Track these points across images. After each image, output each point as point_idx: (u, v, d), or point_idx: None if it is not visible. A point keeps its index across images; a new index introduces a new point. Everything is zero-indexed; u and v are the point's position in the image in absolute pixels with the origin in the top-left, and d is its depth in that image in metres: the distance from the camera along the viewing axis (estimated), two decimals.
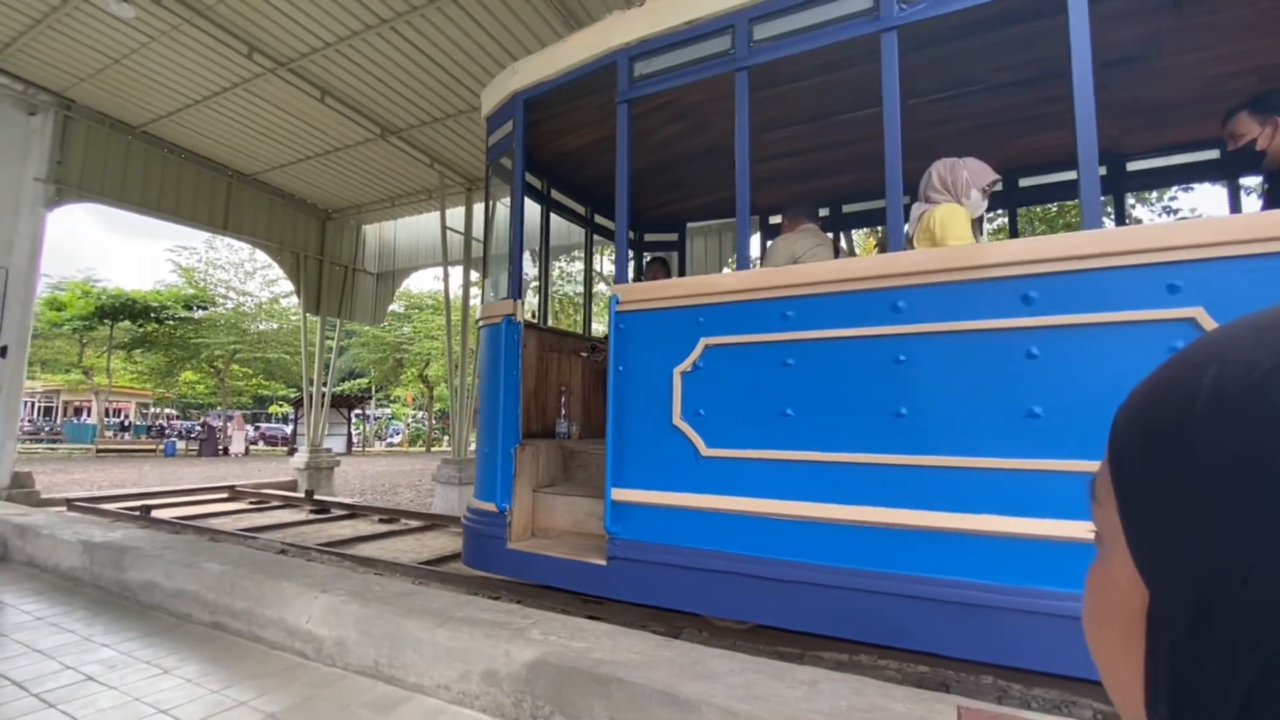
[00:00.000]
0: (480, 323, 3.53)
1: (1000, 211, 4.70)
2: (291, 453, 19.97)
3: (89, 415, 32.06)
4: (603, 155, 3.77)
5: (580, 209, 4.67)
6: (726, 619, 2.78)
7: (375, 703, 2.10)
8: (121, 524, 4.65)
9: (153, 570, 3.15)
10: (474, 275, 8.82)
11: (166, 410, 39.52)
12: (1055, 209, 9.92)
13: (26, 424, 29.41)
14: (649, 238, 5.24)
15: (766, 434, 2.48)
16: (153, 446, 22.91)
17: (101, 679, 2.27)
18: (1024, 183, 4.10)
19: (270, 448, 27.17)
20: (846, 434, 2.32)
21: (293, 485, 9.35)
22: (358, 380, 32.37)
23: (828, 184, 4.35)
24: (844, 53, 2.53)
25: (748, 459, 2.52)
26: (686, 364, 2.69)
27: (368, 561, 4.34)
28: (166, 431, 29.25)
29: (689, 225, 5.33)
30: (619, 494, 2.79)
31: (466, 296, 8.83)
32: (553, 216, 4.60)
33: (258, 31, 5.62)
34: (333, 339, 10.75)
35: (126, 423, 34.27)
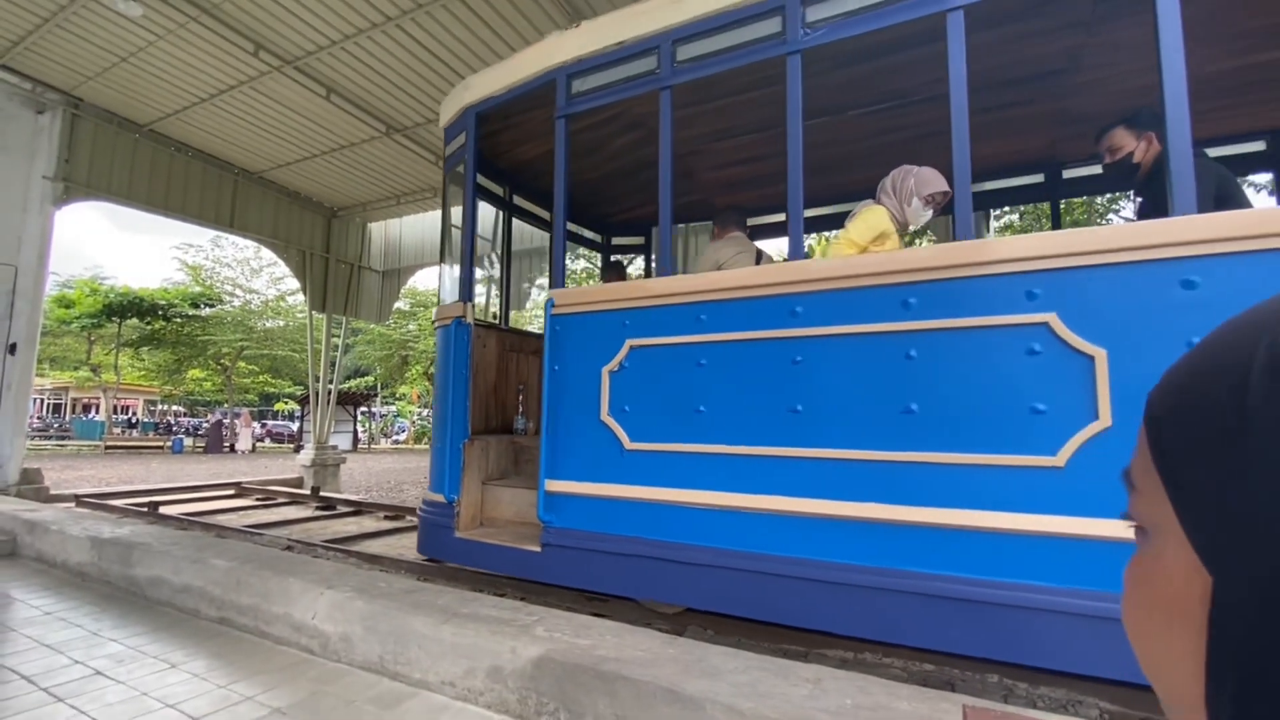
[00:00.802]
0: (435, 324, 3.71)
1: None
2: (298, 450, 20.06)
3: (97, 412, 32.30)
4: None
5: (544, 214, 4.80)
6: (652, 601, 2.93)
7: (380, 698, 2.11)
8: (129, 520, 4.68)
9: (160, 566, 3.17)
10: (478, 273, 8.81)
11: (174, 408, 39.78)
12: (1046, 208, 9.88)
13: (36, 421, 29.63)
14: (616, 241, 5.41)
15: (682, 429, 2.67)
16: (160, 443, 23.05)
17: (109, 673, 2.29)
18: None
19: (276, 445, 27.30)
20: (751, 429, 2.50)
21: (299, 482, 9.40)
22: (364, 378, 32.48)
23: (781, 190, 4.51)
24: (775, 69, 2.65)
25: (666, 452, 2.70)
26: (614, 363, 2.87)
27: (373, 558, 4.36)
28: (174, 429, 29.42)
29: (654, 229, 5.48)
30: (552, 485, 2.97)
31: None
32: (518, 221, 4.76)
33: (264, 30, 5.64)
34: (339, 336, 10.79)
35: (134, 420, 34.49)
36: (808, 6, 2.50)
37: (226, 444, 22.64)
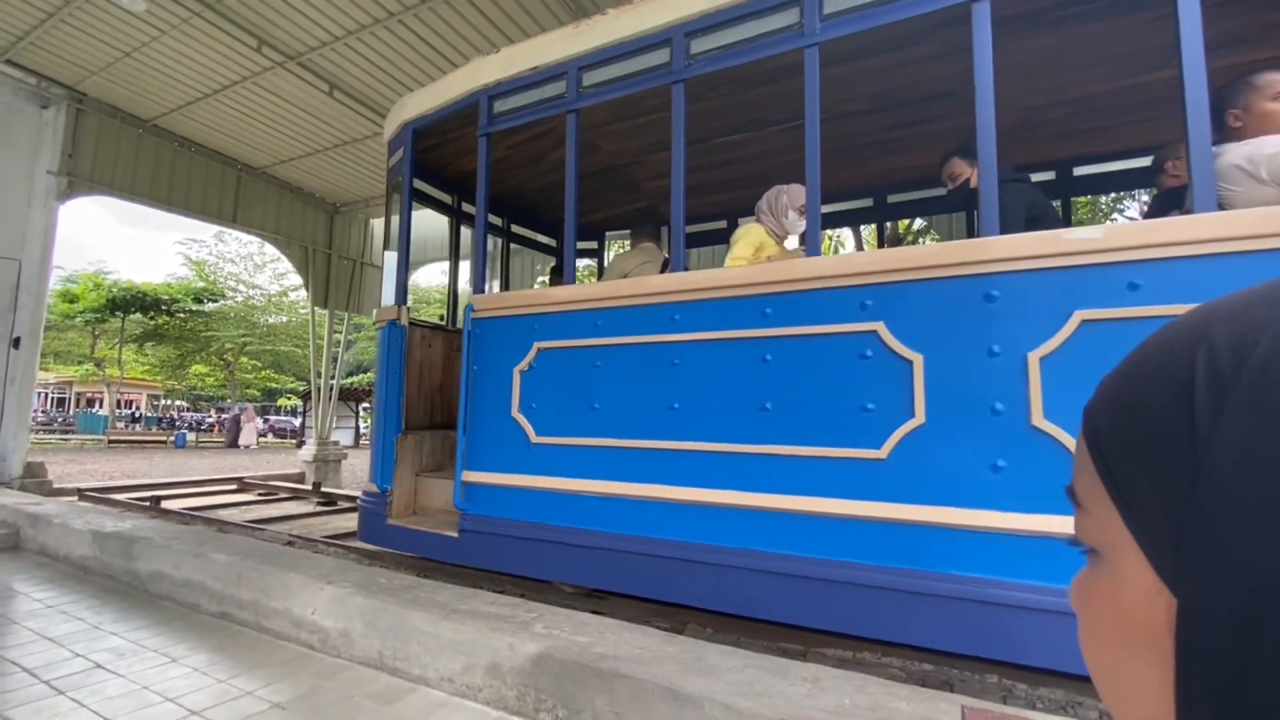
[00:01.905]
0: (374, 325, 3.91)
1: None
2: (299, 445, 20.11)
3: (101, 407, 32.40)
4: (508, 173, 4.25)
5: (497, 220, 4.97)
6: (556, 582, 3.18)
7: (380, 694, 2.12)
8: (131, 514, 4.70)
9: (161, 560, 3.18)
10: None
11: (177, 402, 39.90)
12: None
13: (39, 415, 29.74)
14: (578, 245, 5.55)
15: (580, 424, 2.90)
16: (163, 438, 23.14)
17: (110, 667, 2.30)
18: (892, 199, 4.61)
19: (279, 440, 27.37)
20: (637, 424, 2.74)
21: (300, 477, 9.42)
22: (366, 374, 32.56)
23: (724, 198, 4.77)
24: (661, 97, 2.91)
25: (566, 445, 2.93)
26: (524, 364, 3.11)
27: (373, 554, 4.36)
28: (177, 424, 29.52)
29: (608, 234, 5.66)
30: (468, 476, 3.20)
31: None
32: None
33: (267, 25, 5.63)
34: (341, 332, 10.80)
35: (137, 414, 34.61)
36: (692, 39, 2.73)
37: (231, 439, 22.72)
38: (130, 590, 3.25)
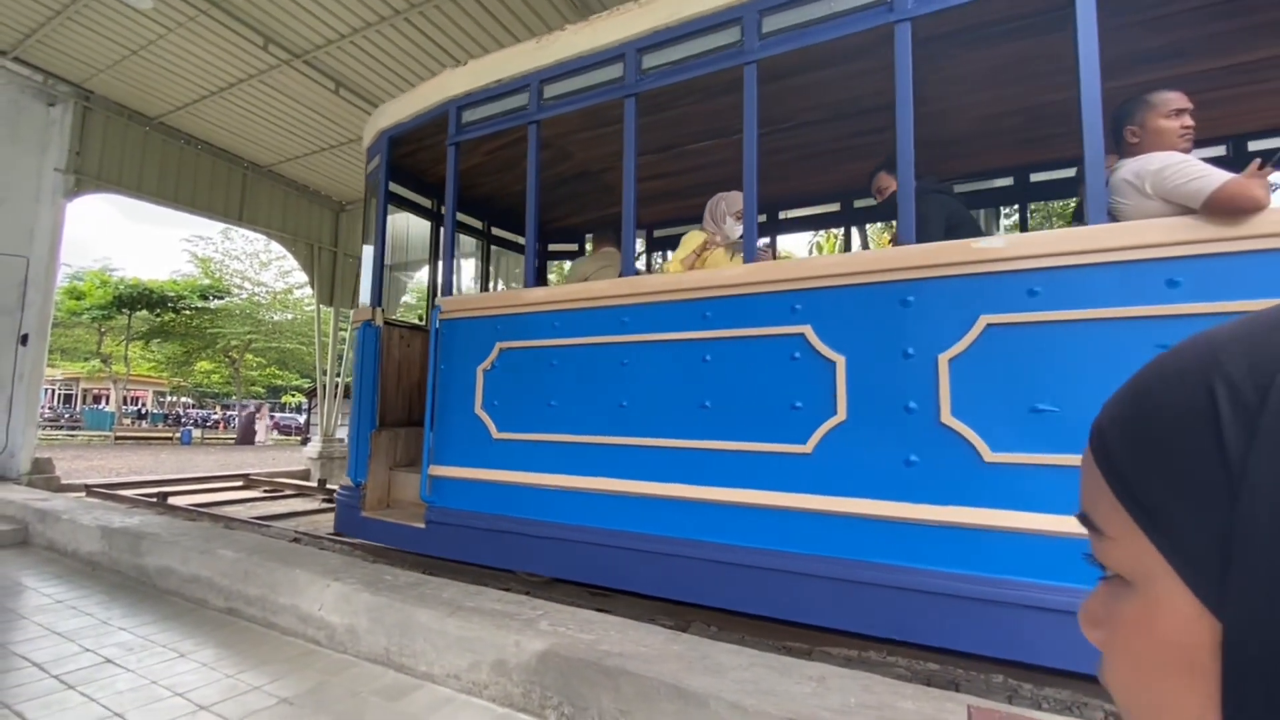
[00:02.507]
0: (352, 326, 4.03)
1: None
2: (305, 442, 20.19)
3: (107, 403, 32.58)
4: (487, 177, 4.37)
5: (476, 223, 5.10)
6: (517, 571, 3.29)
7: (386, 690, 2.13)
8: (139, 510, 4.73)
9: (169, 556, 3.20)
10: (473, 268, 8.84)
11: (183, 399, 40.07)
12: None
13: (47, 411, 29.93)
14: (553, 246, 5.80)
15: (538, 420, 3.04)
16: (169, 434, 23.25)
17: (119, 661, 2.32)
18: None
19: (284, 437, 27.48)
20: (590, 420, 2.88)
21: (306, 474, 9.46)
22: None
23: (697, 202, 5.07)
24: (662, 97, 3.10)
25: (526, 440, 3.07)
26: (487, 363, 3.23)
27: (379, 551, 4.38)
28: (183, 420, 29.65)
29: (587, 236, 5.76)
30: (435, 470, 3.33)
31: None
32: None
33: (273, 23, 5.64)
34: (346, 330, 10.83)
35: (144, 411, 34.79)
36: (643, 55, 2.86)
37: (246, 436, 22.83)
38: (138, 586, 3.27)
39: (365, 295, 4.13)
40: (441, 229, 4.87)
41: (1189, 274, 1.84)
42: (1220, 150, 3.53)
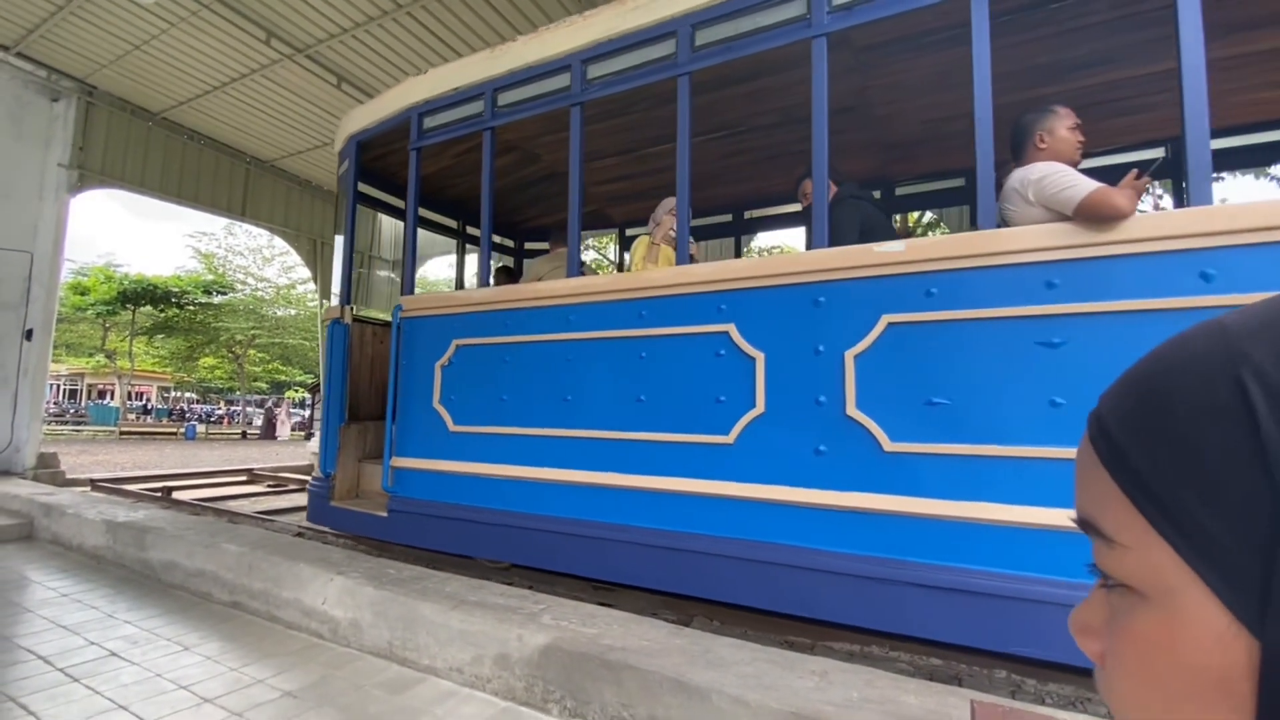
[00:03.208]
0: (323, 323, 4.19)
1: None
2: (308, 437, 20.26)
3: (112, 398, 32.72)
4: (461, 178, 4.49)
5: (452, 223, 5.19)
6: (476, 558, 3.48)
7: (389, 683, 2.13)
8: (144, 505, 4.75)
9: (174, 550, 3.21)
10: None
11: (187, 394, 40.23)
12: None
13: (52, 406, 30.08)
14: (529, 245, 5.92)
15: (491, 414, 3.19)
16: (174, 429, 23.34)
17: (124, 655, 2.33)
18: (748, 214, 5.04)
19: (292, 433, 27.53)
20: (537, 414, 3.03)
21: (309, 469, 9.48)
22: None
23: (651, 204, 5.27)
24: (595, 109, 3.24)
25: (480, 433, 3.22)
26: (444, 359, 3.38)
27: (382, 546, 4.39)
28: (187, 415, 29.77)
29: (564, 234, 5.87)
30: (397, 461, 3.50)
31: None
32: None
33: (275, 17, 5.64)
34: None
35: (148, 406, 34.93)
36: (588, 66, 3.03)
37: (241, 431, 22.89)
38: (143, 580, 3.29)
39: (335, 294, 4.27)
40: (388, 232, 5.02)
41: (1065, 276, 1.97)
42: (1160, 152, 3.66)
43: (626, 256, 5.73)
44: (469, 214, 5.16)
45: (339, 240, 4.32)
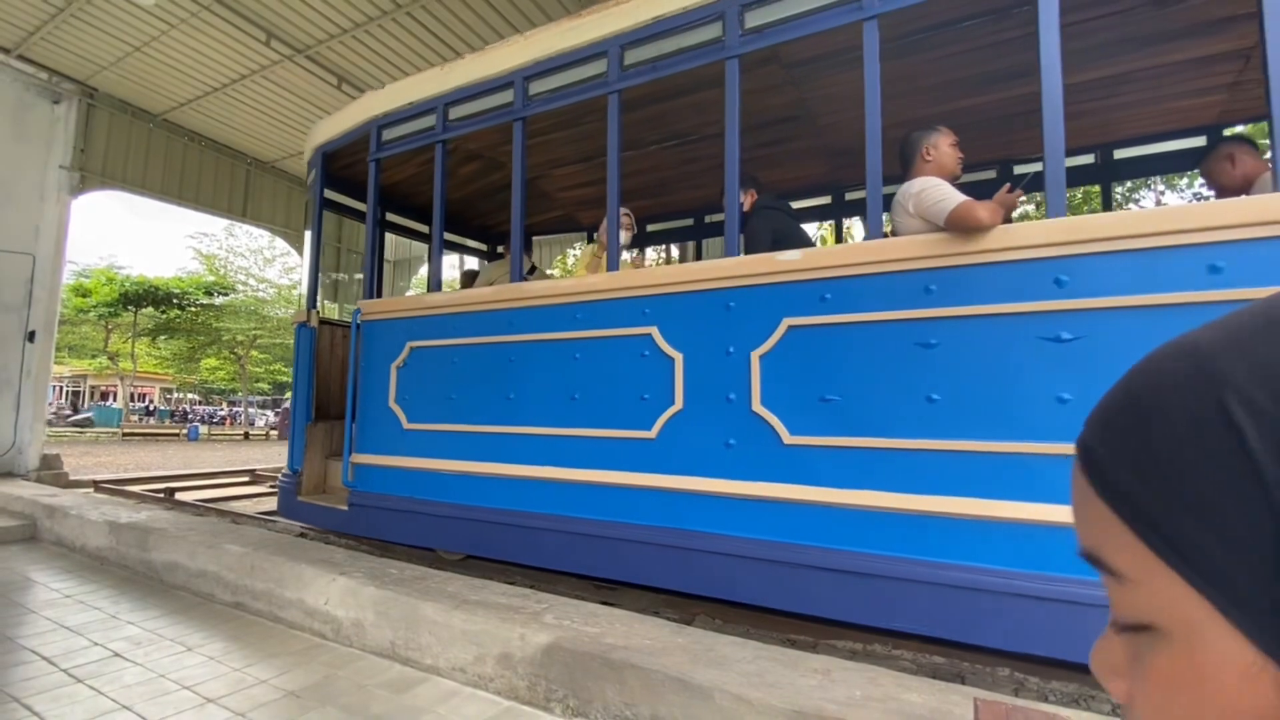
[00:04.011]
0: (293, 325, 4.37)
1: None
2: None
3: (114, 400, 32.77)
4: (428, 185, 4.42)
5: (423, 228, 5.30)
6: (430, 548, 3.68)
7: (392, 683, 2.14)
8: (146, 505, 4.76)
9: (176, 551, 3.22)
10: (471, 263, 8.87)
11: (189, 395, 40.29)
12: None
13: (65, 410, 30.13)
14: (501, 249, 6.03)
15: (441, 412, 3.35)
16: (176, 431, 23.37)
17: (128, 655, 2.33)
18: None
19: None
20: (484, 411, 3.20)
21: None
22: None
23: (636, 207, 5.37)
24: (555, 118, 3.44)
25: (431, 430, 3.39)
26: (399, 361, 3.55)
27: (383, 547, 4.40)
28: (189, 416, 29.81)
29: (535, 239, 6.07)
30: (356, 458, 3.69)
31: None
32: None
33: (275, 18, 5.64)
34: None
35: (151, 407, 35.00)
36: (529, 82, 3.18)
37: (244, 432, 22.92)
38: (146, 580, 3.29)
39: (304, 299, 4.43)
40: (387, 235, 5.16)
41: (940, 282, 2.13)
42: (1090, 159, 3.84)
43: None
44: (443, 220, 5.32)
45: (307, 257, 4.49)
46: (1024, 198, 2.33)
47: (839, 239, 5.03)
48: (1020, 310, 2.01)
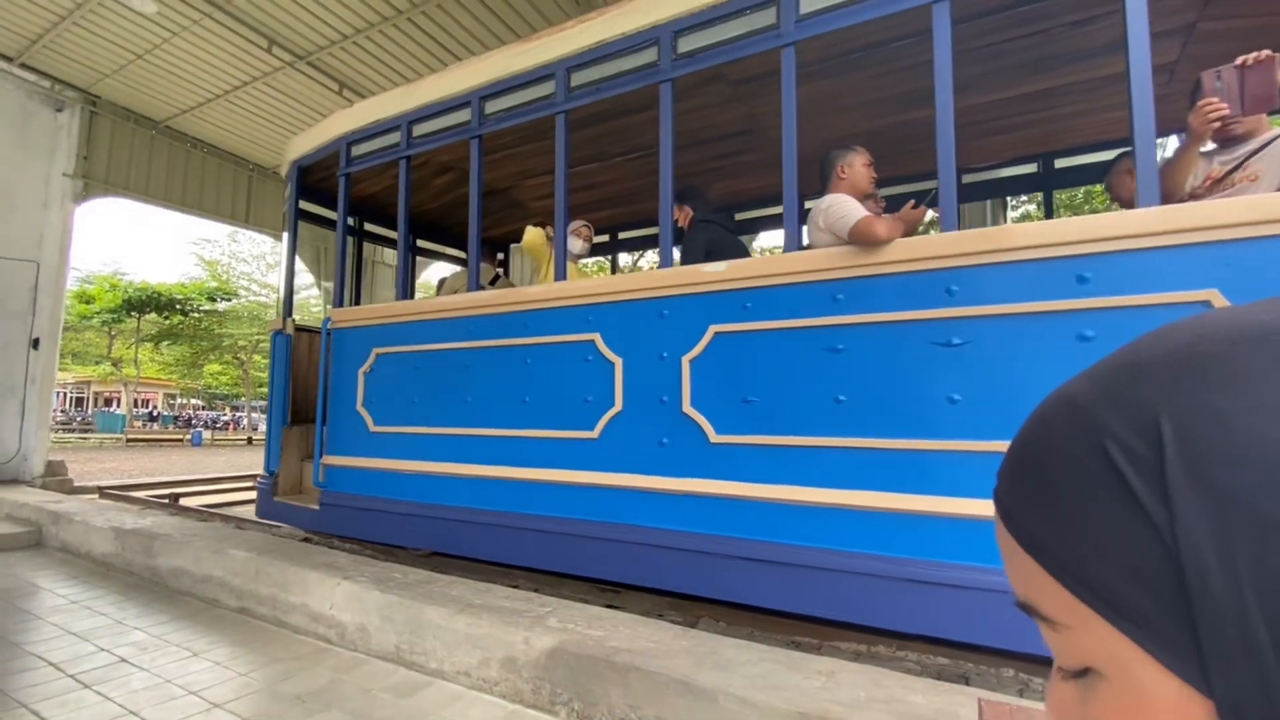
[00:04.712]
0: (269, 331, 4.58)
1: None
2: None
3: (118, 406, 32.86)
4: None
5: (394, 235, 5.44)
6: (395, 545, 3.81)
7: (397, 687, 2.14)
8: (151, 511, 4.77)
9: (181, 556, 3.23)
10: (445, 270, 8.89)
11: (193, 401, 40.37)
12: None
13: (59, 414, 30.20)
14: None
15: (404, 415, 3.53)
16: (180, 436, 23.42)
17: (134, 661, 2.34)
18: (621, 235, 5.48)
19: None
20: (443, 414, 3.38)
21: None
22: None
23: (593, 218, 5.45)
24: (523, 132, 3.53)
25: (395, 433, 3.57)
26: (366, 366, 3.74)
27: (388, 551, 4.40)
28: (193, 422, 29.87)
29: (511, 246, 6.19)
30: (327, 459, 3.87)
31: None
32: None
33: (277, 25, 5.66)
34: None
35: (155, 413, 35.08)
36: (485, 101, 3.35)
37: (247, 438, 22.94)
38: (152, 586, 3.30)
39: (281, 308, 4.61)
40: (365, 244, 5.34)
41: (846, 291, 2.32)
42: (1033, 167, 4.03)
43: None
44: (418, 229, 5.50)
45: (283, 267, 4.60)
46: (931, 214, 2.49)
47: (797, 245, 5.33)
48: (916, 317, 2.18)
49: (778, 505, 2.38)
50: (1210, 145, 2.30)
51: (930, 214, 2.49)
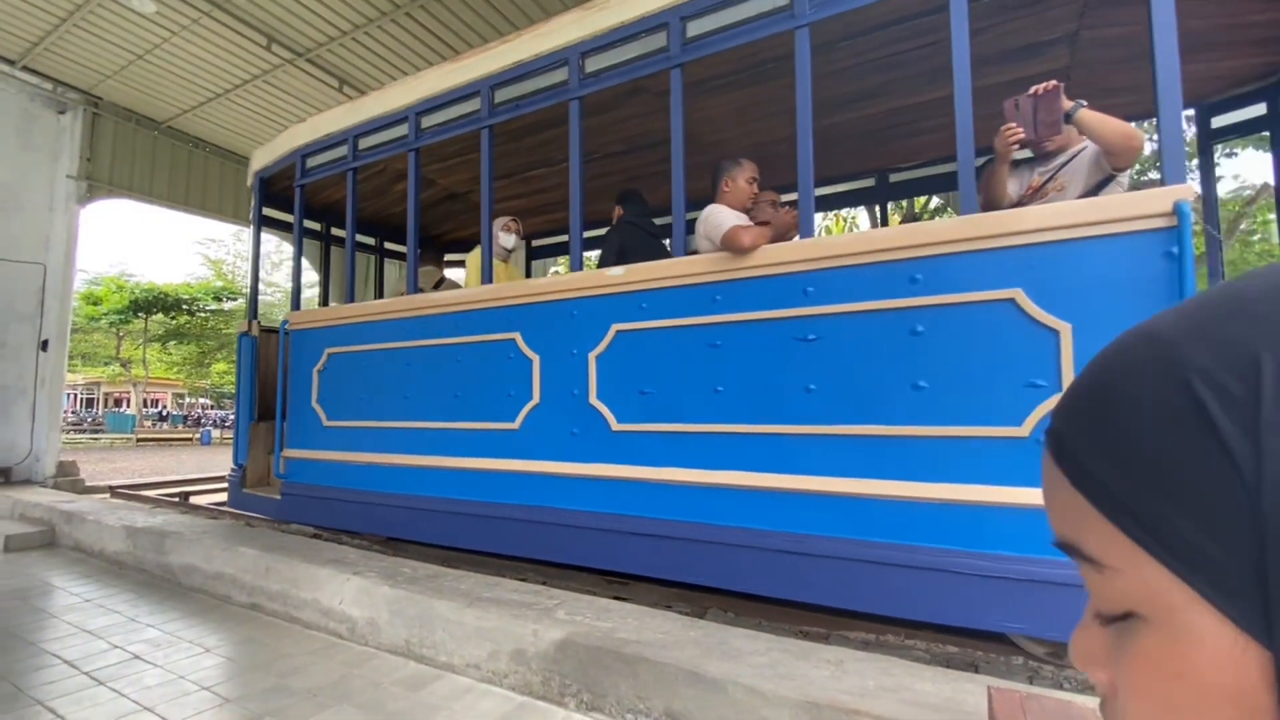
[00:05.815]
0: (237, 332, 4.81)
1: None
2: None
3: (128, 406, 33.10)
4: (369, 200, 4.91)
5: (370, 240, 5.67)
6: (350, 531, 4.09)
7: (407, 680, 2.16)
8: (162, 510, 4.82)
9: (193, 554, 3.26)
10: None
11: (201, 400, 40.64)
12: None
13: (70, 415, 30.46)
14: (448, 257, 6.31)
15: (355, 409, 3.77)
16: (189, 435, 23.59)
17: (147, 657, 2.36)
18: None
19: None
20: (387, 409, 3.60)
21: None
22: None
23: (556, 218, 5.59)
24: (466, 141, 3.63)
25: (345, 427, 3.81)
26: (320, 365, 3.96)
27: (396, 546, 4.43)
28: (202, 421, 30.07)
29: (477, 247, 6.10)
30: (287, 452, 4.11)
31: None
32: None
33: (275, 22, 5.65)
34: None
35: (164, 413, 35.33)
36: (421, 116, 3.53)
37: None
38: (164, 583, 3.33)
39: (249, 311, 4.82)
40: (332, 248, 5.42)
41: (723, 293, 2.55)
42: (870, 181, 4.36)
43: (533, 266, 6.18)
44: (385, 232, 5.65)
45: (250, 269, 4.75)
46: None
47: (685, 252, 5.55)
48: (779, 316, 2.41)
49: (669, 486, 2.62)
50: (1032, 156, 2.57)
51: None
